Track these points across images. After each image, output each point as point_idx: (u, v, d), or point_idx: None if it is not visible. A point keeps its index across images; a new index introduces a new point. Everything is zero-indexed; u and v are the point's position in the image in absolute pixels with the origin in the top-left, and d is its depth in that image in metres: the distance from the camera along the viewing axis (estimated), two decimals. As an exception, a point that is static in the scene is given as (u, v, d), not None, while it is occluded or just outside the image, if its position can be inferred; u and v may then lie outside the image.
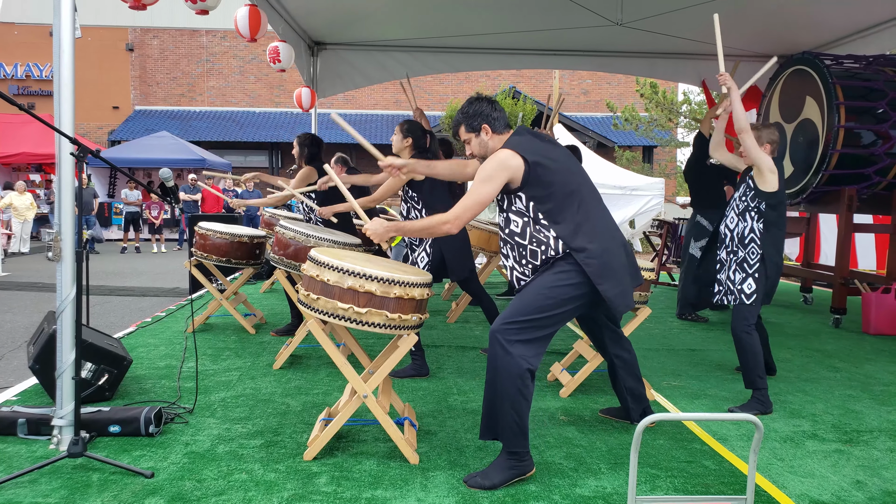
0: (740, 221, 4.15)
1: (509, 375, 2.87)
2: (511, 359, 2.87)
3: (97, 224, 16.45)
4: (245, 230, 5.88)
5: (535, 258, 3.01)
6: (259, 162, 24.61)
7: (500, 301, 7.75)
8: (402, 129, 4.62)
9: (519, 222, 3.01)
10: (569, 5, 6.78)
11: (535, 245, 3.00)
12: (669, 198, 18.88)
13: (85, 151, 3.00)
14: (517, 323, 2.91)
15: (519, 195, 2.98)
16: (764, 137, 4.17)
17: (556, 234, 2.95)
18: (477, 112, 3.10)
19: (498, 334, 2.91)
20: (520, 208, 3.00)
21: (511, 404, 2.88)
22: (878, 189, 6.67)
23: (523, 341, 2.90)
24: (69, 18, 3.10)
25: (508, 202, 3.04)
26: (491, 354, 2.93)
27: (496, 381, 2.91)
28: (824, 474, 3.14)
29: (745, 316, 4.05)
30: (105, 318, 7.08)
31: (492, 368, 2.92)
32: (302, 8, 7.21)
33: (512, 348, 2.88)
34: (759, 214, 4.07)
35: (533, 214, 2.98)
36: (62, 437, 3.16)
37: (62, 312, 3.13)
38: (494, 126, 3.11)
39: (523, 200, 2.98)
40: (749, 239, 4.09)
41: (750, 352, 4.00)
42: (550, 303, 2.92)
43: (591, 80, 25.78)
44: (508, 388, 2.87)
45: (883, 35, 7.29)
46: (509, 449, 2.93)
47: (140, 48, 25.15)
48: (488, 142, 3.11)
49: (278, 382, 4.38)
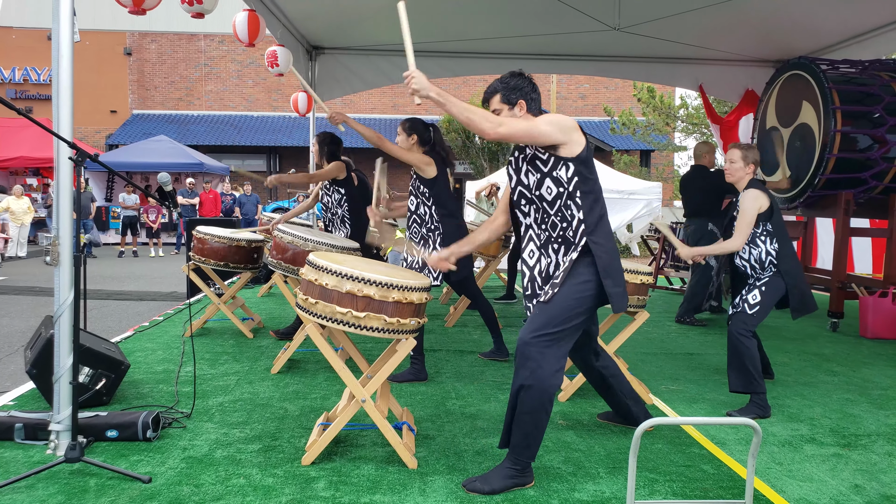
0: (753, 249, 4.17)
1: (540, 388, 2.85)
2: (542, 371, 2.85)
3: (95, 228, 16.43)
4: (243, 234, 5.88)
5: (553, 229, 2.99)
6: (257, 166, 24.61)
7: (498, 305, 7.76)
8: (404, 129, 4.62)
9: (554, 190, 2.94)
10: (566, 10, 6.80)
11: (558, 218, 2.96)
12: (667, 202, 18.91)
13: (83, 156, 3.00)
14: (549, 335, 2.88)
15: (568, 164, 2.91)
16: (750, 158, 4.22)
17: (583, 217, 2.93)
18: (518, 86, 3.02)
19: (530, 346, 2.87)
20: (561, 176, 2.92)
21: (534, 416, 2.87)
22: (874, 193, 6.69)
23: (554, 353, 2.89)
24: (68, 22, 3.10)
25: (553, 165, 2.93)
26: (521, 365, 2.89)
27: (522, 392, 2.88)
28: (823, 478, 3.15)
29: (745, 321, 4.06)
30: (102, 322, 7.07)
31: (520, 378, 2.88)
32: (300, 12, 7.23)
33: (543, 360, 2.86)
34: (769, 235, 4.12)
35: (571, 189, 2.92)
36: (59, 442, 3.15)
37: (60, 317, 3.13)
38: (531, 105, 3.03)
39: (570, 171, 2.92)
40: (768, 262, 4.13)
41: (747, 355, 3.99)
42: (576, 312, 2.92)
43: (589, 84, 25.85)
44: (535, 402, 2.86)
45: (878, 40, 7.33)
46: (517, 457, 2.92)
47: (138, 52, 25.16)
48: (519, 117, 3.00)
49: (276, 387, 4.38)
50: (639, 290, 4.20)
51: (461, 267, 4.74)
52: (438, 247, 4.59)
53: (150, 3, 4.00)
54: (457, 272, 4.72)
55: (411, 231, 4.72)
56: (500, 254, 7.47)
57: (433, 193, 4.57)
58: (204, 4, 4.62)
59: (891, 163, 6.45)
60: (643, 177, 19.19)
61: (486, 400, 4.20)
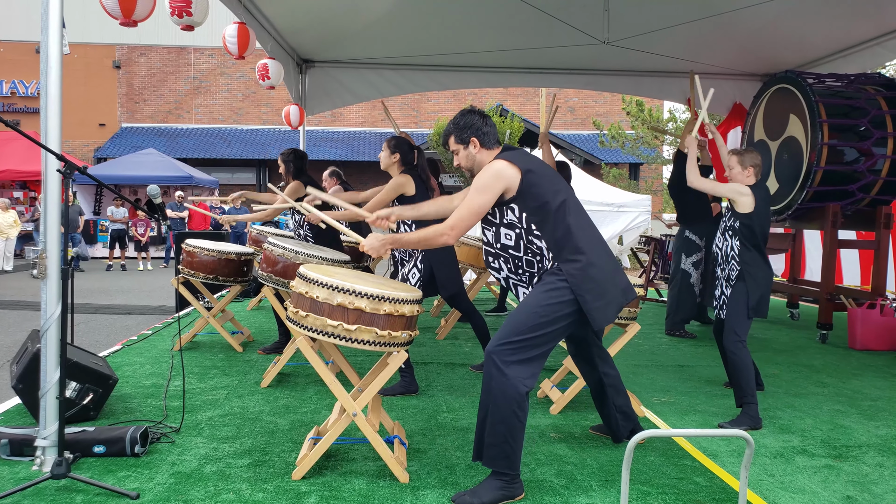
0: (723, 240, 4.31)
1: (505, 397, 2.85)
2: (507, 380, 2.85)
3: (83, 242, 16.31)
4: (232, 247, 5.85)
5: (531, 267, 3.07)
6: (247, 179, 24.56)
7: (490, 318, 7.75)
8: (389, 146, 4.65)
9: (512, 235, 3.04)
10: (556, 24, 6.85)
11: (530, 255, 3.06)
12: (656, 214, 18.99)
13: (72, 168, 2.98)
14: (512, 343, 2.89)
15: (512, 206, 3.00)
16: (747, 161, 4.27)
17: (546, 244, 2.99)
18: (468, 124, 3.13)
19: (494, 355, 2.89)
20: (511, 220, 3.02)
21: (505, 427, 2.85)
22: (861, 205, 6.75)
23: (519, 362, 2.88)
24: (57, 34, 3.09)
25: (500, 214, 3.05)
26: (486, 375, 2.91)
27: (491, 403, 2.88)
28: (815, 490, 3.14)
29: (734, 330, 4.09)
30: (90, 336, 7.00)
31: (486, 390, 2.90)
32: (290, 26, 7.24)
33: (508, 369, 2.86)
34: (735, 233, 4.21)
35: (526, 225, 3.00)
36: (45, 458, 3.10)
37: (47, 330, 3.09)
38: (483, 140, 3.13)
39: (516, 212, 3.01)
40: (731, 257, 4.23)
41: (741, 366, 4.02)
42: (544, 321, 2.91)
43: (578, 98, 26.00)
44: (503, 410, 2.85)
45: (863, 54, 7.42)
46: (498, 470, 2.90)
47: (127, 65, 25.12)
48: (476, 155, 3.14)
49: (266, 401, 4.34)
50: (630, 302, 4.20)
51: (451, 284, 4.74)
52: (419, 264, 4.59)
53: (140, 14, 3.99)
54: (447, 289, 4.73)
55: (395, 250, 4.72)
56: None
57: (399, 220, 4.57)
58: (194, 16, 4.61)
59: (877, 175, 6.52)
60: (632, 190, 19.29)
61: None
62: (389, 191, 4.50)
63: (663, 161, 20.18)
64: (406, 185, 4.51)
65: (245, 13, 6.16)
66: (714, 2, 6.33)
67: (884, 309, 6.41)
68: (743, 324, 4.12)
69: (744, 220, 4.16)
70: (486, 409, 2.90)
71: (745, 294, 4.12)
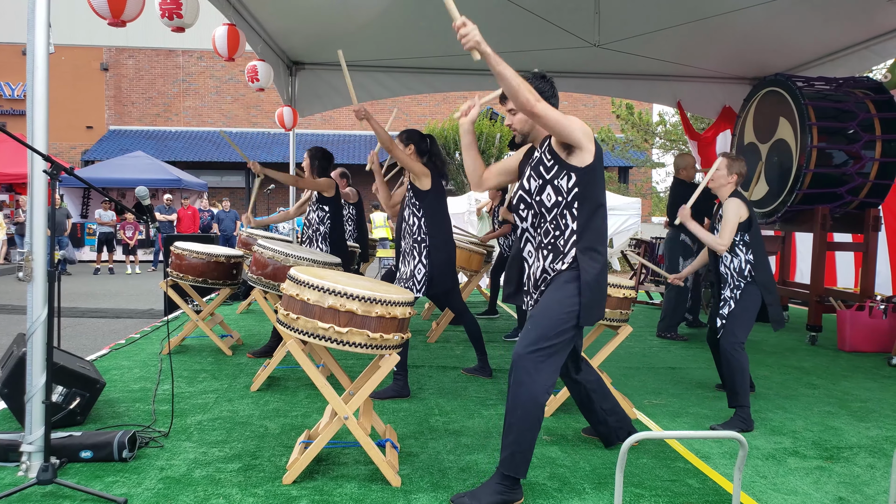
0: (733, 258, 4.25)
1: (535, 403, 2.84)
2: (537, 386, 2.85)
3: (70, 245, 16.17)
4: (222, 250, 5.80)
5: (546, 236, 2.99)
6: (235, 182, 24.47)
7: (481, 321, 7.73)
8: (401, 140, 4.62)
9: (553, 198, 2.95)
10: (547, 27, 6.86)
11: (552, 226, 2.97)
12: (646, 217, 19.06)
13: (58, 169, 2.94)
14: (544, 349, 2.87)
15: (571, 174, 2.91)
16: (734, 168, 4.31)
17: (577, 228, 2.93)
18: (539, 89, 3.02)
19: (526, 361, 2.86)
20: (562, 185, 2.93)
21: (529, 431, 2.86)
22: (850, 208, 6.79)
23: (548, 366, 2.88)
24: (43, 33, 3.05)
25: (556, 173, 2.93)
26: (516, 382, 2.88)
27: (520, 408, 2.86)
28: (807, 491, 3.14)
29: (735, 332, 4.11)
30: (77, 340, 6.93)
31: (517, 395, 2.87)
32: (280, 28, 7.21)
33: (538, 375, 2.85)
34: (746, 245, 4.20)
35: (570, 199, 2.93)
36: (31, 464, 3.05)
37: (33, 334, 3.05)
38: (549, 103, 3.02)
39: (571, 181, 2.92)
40: (747, 271, 4.20)
41: (738, 369, 4.03)
42: (569, 325, 2.91)
43: (568, 101, 26.06)
44: (533, 416, 2.85)
45: (851, 58, 7.48)
46: (509, 473, 2.88)
47: (115, 68, 24.98)
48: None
49: (256, 405, 4.30)
50: (622, 304, 4.20)
51: (445, 281, 4.72)
52: (424, 259, 4.57)
53: (129, 15, 3.95)
54: (440, 286, 4.71)
55: (403, 241, 4.70)
56: (483, 269, 7.46)
57: (424, 205, 4.56)
58: (184, 18, 4.58)
59: (866, 178, 6.56)
60: (622, 193, 19.36)
61: (469, 416, 4.16)
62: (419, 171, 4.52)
63: (652, 164, 20.27)
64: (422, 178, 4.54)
65: (235, 15, 6.13)
66: (704, 6, 6.35)
67: (872, 311, 6.44)
68: (745, 326, 4.13)
69: (749, 229, 4.19)
70: (516, 415, 2.86)
71: (756, 299, 4.13)
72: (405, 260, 4.67)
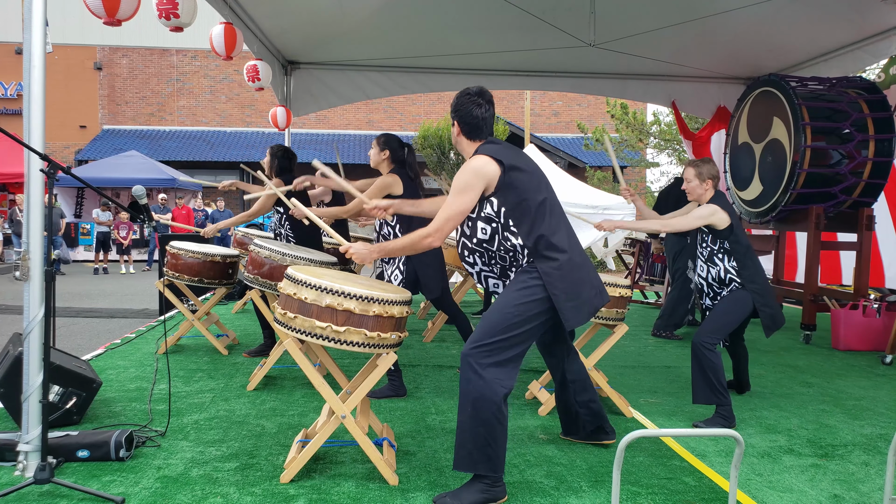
0: (711, 267, 4.21)
1: (484, 400, 2.82)
2: (484, 383, 2.83)
3: (64, 245, 16.10)
4: (217, 249, 5.80)
5: (503, 261, 3.03)
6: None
7: (475, 319, 7.74)
8: (378, 143, 4.62)
9: (487, 229, 3.00)
10: (542, 26, 6.87)
11: (502, 252, 3.01)
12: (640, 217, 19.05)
13: (55, 168, 2.94)
14: (487, 345, 2.87)
15: (491, 200, 2.96)
16: (705, 174, 4.20)
17: (523, 241, 2.95)
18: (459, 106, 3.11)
19: (469, 358, 2.87)
20: (489, 214, 2.98)
21: (486, 429, 2.83)
22: (844, 207, 6.82)
23: (496, 363, 2.87)
24: (40, 33, 3.04)
25: (479, 208, 3.00)
26: (463, 379, 2.88)
27: (469, 406, 2.85)
28: (802, 489, 3.16)
29: (710, 331, 4.08)
30: (72, 339, 6.91)
31: (464, 393, 2.87)
32: (275, 27, 7.20)
33: (484, 372, 2.84)
34: (727, 253, 4.14)
35: (503, 220, 2.96)
36: (28, 463, 3.04)
37: (29, 334, 3.04)
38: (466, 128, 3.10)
39: (494, 206, 2.96)
40: (728, 279, 4.16)
41: (709, 367, 4.01)
42: (518, 320, 2.90)
43: (562, 101, 26.11)
44: (483, 413, 2.83)
45: (845, 58, 7.51)
46: (479, 472, 2.87)
47: (109, 67, 24.89)
48: (457, 139, 3.14)
49: (252, 404, 4.30)
50: (617, 303, 4.22)
51: (435, 284, 4.72)
52: (402, 266, 4.56)
53: (124, 14, 3.94)
54: (431, 289, 4.71)
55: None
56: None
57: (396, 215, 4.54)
58: (182, 18, 4.56)
59: (859, 177, 6.59)
60: (616, 192, 19.35)
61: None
62: (375, 190, 4.43)
63: (647, 164, 20.30)
64: (393, 185, 4.47)
65: (231, 14, 6.12)
66: (699, 6, 6.38)
67: (866, 310, 6.48)
68: (720, 328, 4.08)
69: (730, 236, 4.12)
70: (466, 412, 2.86)
71: (743, 304, 4.08)
72: (386, 265, 4.69)
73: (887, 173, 6.64)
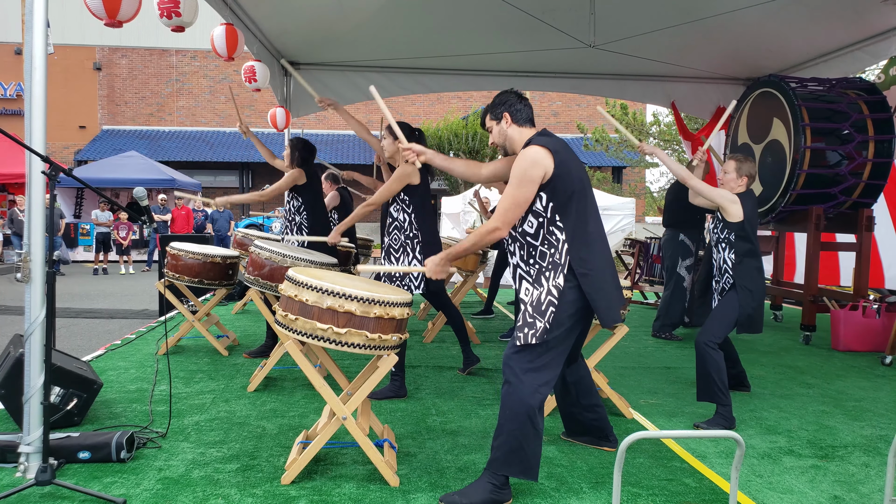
0: (717, 252, 4.30)
1: (522, 405, 2.86)
2: (523, 387, 2.87)
3: (63, 245, 16.10)
4: (218, 250, 5.80)
5: (542, 259, 2.99)
6: (229, 182, 24.40)
7: (475, 320, 7.75)
8: (390, 133, 4.59)
9: (534, 222, 2.98)
10: (542, 27, 6.87)
11: (545, 247, 2.98)
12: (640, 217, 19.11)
13: (56, 170, 2.94)
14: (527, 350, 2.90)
15: (541, 194, 2.94)
16: (744, 170, 4.26)
17: (566, 237, 2.93)
18: (502, 101, 3.14)
19: (511, 363, 2.92)
20: (538, 208, 2.95)
21: (521, 433, 2.87)
22: (843, 208, 6.82)
23: (534, 369, 2.90)
24: (42, 34, 3.04)
25: None
26: (505, 381, 2.93)
27: (508, 409, 2.89)
28: (803, 490, 3.17)
29: (712, 331, 4.13)
30: (72, 340, 6.90)
31: (504, 394, 2.92)
32: (276, 28, 7.20)
33: (525, 377, 2.88)
34: (729, 245, 4.20)
35: (550, 215, 2.94)
36: (29, 465, 3.05)
37: (31, 334, 3.04)
38: (515, 116, 3.11)
39: (544, 200, 2.94)
40: (724, 270, 4.23)
41: (713, 367, 4.05)
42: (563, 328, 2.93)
43: (561, 101, 26.12)
44: (520, 417, 2.86)
45: (844, 59, 7.51)
46: (497, 472, 2.89)
47: (108, 67, 24.88)
48: (507, 130, 3.11)
49: (253, 405, 4.30)
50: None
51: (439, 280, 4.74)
52: (418, 255, 4.58)
53: (125, 15, 3.93)
54: (436, 282, 4.73)
55: (391, 238, 4.70)
56: (478, 269, 7.47)
57: (413, 201, 4.57)
58: (183, 17, 4.55)
59: (859, 178, 6.59)
60: (616, 193, 19.40)
61: (466, 416, 4.17)
62: (396, 181, 4.50)
63: (646, 164, 20.31)
64: (413, 174, 4.52)
65: (231, 15, 6.11)
66: (699, 7, 6.37)
67: (866, 310, 6.48)
68: (722, 330, 4.14)
69: (737, 230, 4.16)
70: (504, 414, 2.91)
71: (735, 306, 4.13)
72: (395, 256, 4.68)
73: (887, 174, 6.65)
